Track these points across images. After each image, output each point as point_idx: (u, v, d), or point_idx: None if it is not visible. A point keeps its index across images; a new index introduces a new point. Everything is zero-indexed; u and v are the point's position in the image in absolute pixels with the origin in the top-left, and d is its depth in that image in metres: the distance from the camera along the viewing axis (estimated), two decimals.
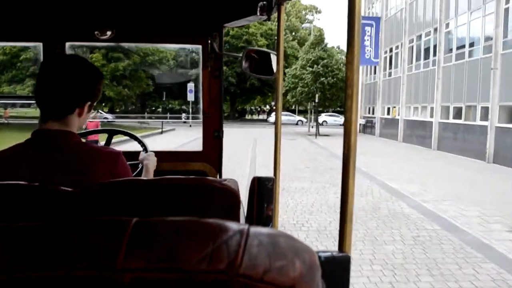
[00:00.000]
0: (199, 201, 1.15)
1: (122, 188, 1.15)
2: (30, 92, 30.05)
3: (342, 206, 0.99)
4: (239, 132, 26.52)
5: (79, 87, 1.40)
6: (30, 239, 0.54)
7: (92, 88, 1.44)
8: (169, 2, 2.37)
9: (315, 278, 0.54)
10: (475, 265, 5.05)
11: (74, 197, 1.09)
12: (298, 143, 22.31)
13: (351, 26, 0.97)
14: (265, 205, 1.66)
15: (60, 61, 1.45)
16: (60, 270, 0.50)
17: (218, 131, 2.73)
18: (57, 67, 1.39)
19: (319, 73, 27.60)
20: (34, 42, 2.59)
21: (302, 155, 16.14)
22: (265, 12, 2.19)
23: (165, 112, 43.14)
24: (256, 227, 0.55)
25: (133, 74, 35.15)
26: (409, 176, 11.63)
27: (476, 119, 16.53)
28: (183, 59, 38.46)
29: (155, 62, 35.96)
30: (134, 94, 36.81)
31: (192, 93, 34.90)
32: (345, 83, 0.99)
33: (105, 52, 32.67)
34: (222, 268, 0.49)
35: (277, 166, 2.13)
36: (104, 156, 1.42)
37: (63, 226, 0.57)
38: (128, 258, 0.50)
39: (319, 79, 27.52)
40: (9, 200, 1.08)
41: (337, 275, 0.88)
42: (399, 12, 25.40)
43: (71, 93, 1.38)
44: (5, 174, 1.27)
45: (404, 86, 23.98)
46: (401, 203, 8.25)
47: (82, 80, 1.40)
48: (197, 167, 2.72)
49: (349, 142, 0.98)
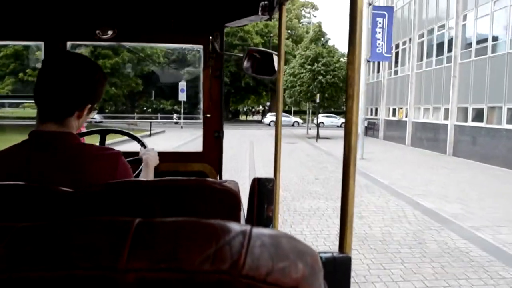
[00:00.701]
0: (199, 202, 1.14)
1: (122, 189, 1.15)
2: (10, 91, 28.25)
3: (342, 207, 1.00)
4: (233, 135, 24.60)
5: (81, 89, 1.36)
6: (32, 239, 0.55)
7: (94, 90, 1.41)
8: (171, 2, 2.37)
9: (317, 279, 0.54)
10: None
11: (74, 197, 1.09)
12: (299, 147, 20.45)
13: (353, 26, 0.97)
14: (265, 206, 1.67)
15: (63, 60, 1.39)
16: (63, 270, 0.51)
17: (219, 132, 2.73)
18: (59, 67, 1.36)
19: (318, 71, 25.73)
20: (36, 41, 2.65)
21: (307, 163, 14.28)
22: (266, 11, 2.17)
23: (155, 112, 41.39)
24: (258, 228, 0.55)
25: (121, 72, 33.22)
26: (439, 190, 9.78)
27: (502, 122, 14.71)
28: (175, 57, 36.81)
29: (145, 60, 34.01)
30: (122, 93, 35.01)
31: (184, 92, 32.99)
32: (346, 83, 1.00)
33: (92, 48, 30.72)
34: (225, 268, 0.49)
35: (277, 167, 2.13)
36: (104, 156, 1.39)
37: (65, 226, 0.57)
38: (131, 258, 0.50)
39: (318, 78, 25.64)
40: (9, 200, 1.08)
41: (338, 276, 0.89)
42: (407, 5, 23.60)
43: (72, 96, 1.35)
44: (3, 175, 1.26)
45: (412, 85, 22.18)
46: (449, 233, 6.37)
47: (85, 82, 1.37)
48: (197, 167, 2.73)
49: (349, 143, 1.00)
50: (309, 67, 26.00)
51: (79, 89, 1.34)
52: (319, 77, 25.48)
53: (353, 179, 0.99)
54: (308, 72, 25.90)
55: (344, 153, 1.01)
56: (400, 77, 24.02)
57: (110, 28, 2.45)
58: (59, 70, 1.33)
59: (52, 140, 1.32)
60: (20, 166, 1.29)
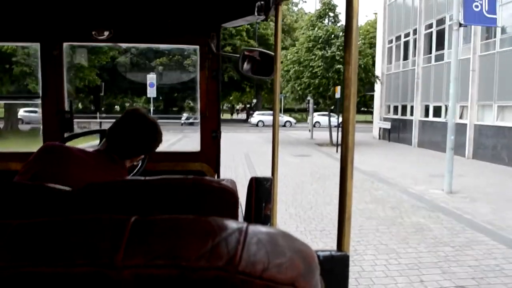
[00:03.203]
0: (197, 200, 1.14)
1: (120, 187, 1.16)
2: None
3: (340, 206, 1.01)
4: None
5: (142, 146, 1.75)
6: (30, 237, 0.55)
7: (151, 148, 1.79)
8: (167, 3, 2.36)
9: (314, 276, 0.54)
10: None
11: (71, 196, 1.10)
12: (318, 163, 13.84)
13: (349, 27, 0.98)
14: (263, 205, 1.68)
15: (139, 119, 1.73)
16: (60, 267, 0.51)
17: (216, 131, 2.75)
18: (136, 124, 1.72)
19: (333, 57, 19.16)
20: (32, 42, 2.66)
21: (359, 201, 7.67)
22: (262, 12, 2.18)
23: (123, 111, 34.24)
24: (255, 225, 0.55)
25: (70, 61, 25.91)
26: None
27: None
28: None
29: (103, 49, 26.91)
30: (74, 89, 28.00)
31: (153, 87, 25.84)
32: (343, 83, 1.01)
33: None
34: (222, 265, 0.49)
35: (274, 165, 2.12)
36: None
37: (63, 224, 0.58)
38: (127, 255, 0.51)
39: (334, 66, 19.08)
40: (7, 198, 1.10)
41: (336, 274, 0.88)
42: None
43: (135, 148, 1.75)
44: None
45: (475, 74, 15.80)
46: None
47: (148, 142, 1.75)
48: (195, 167, 2.72)
49: (347, 142, 1.01)
50: (321, 53, 19.37)
51: (141, 145, 1.74)
52: (337, 65, 18.91)
53: (350, 178, 1.00)
54: (320, 59, 19.28)
55: (341, 153, 1.02)
56: (446, 64, 17.58)
57: (106, 29, 2.47)
58: (135, 126, 1.71)
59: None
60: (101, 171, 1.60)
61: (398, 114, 22.30)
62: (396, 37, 23.05)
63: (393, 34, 23.27)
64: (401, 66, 22.26)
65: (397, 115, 22.43)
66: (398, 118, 22.15)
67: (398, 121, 22.09)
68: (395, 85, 22.65)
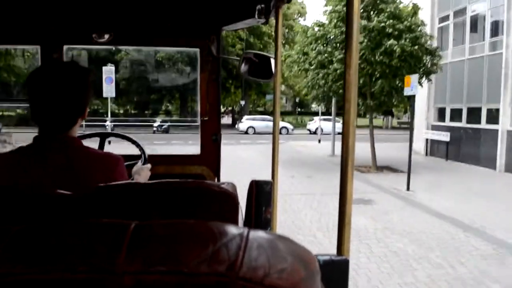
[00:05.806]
0: (197, 204, 1.12)
1: (120, 191, 1.13)
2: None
3: (340, 210, 1.00)
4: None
5: (80, 97, 1.37)
6: (30, 242, 0.55)
7: (89, 92, 1.41)
8: (167, 6, 2.34)
9: (315, 281, 0.54)
10: None
11: (71, 200, 1.08)
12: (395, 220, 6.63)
13: (349, 30, 0.97)
14: (264, 208, 1.65)
15: (54, 72, 1.35)
16: (60, 273, 0.51)
17: (216, 135, 2.73)
18: (52, 80, 1.32)
19: (384, 29, 12.10)
20: (32, 45, 2.61)
21: None
22: (263, 15, 2.18)
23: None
24: (255, 231, 0.55)
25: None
26: None
27: None
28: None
29: None
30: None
31: (111, 83, 18.27)
32: (344, 86, 1.00)
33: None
34: (222, 270, 0.49)
35: (274, 169, 2.13)
36: (103, 159, 1.41)
37: (63, 229, 0.57)
38: (128, 261, 0.50)
39: (384, 43, 12.01)
40: (6, 203, 1.06)
41: (336, 279, 0.88)
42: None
43: (74, 107, 1.36)
44: (5, 177, 1.28)
45: None
46: None
47: (82, 89, 1.37)
48: (195, 170, 2.71)
49: (347, 145, 1.00)
50: (364, 23, 12.26)
51: (78, 98, 1.36)
52: (388, 40, 11.88)
53: (351, 181, 0.99)
54: (365, 35, 12.15)
55: (342, 155, 1.01)
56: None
57: (106, 31, 2.46)
58: (54, 83, 1.31)
59: (56, 143, 1.34)
60: (24, 168, 1.29)
61: (463, 121, 15.42)
62: (454, 11, 16.20)
63: (450, 7, 16.43)
64: (467, 52, 15.38)
65: (460, 122, 15.55)
66: (463, 126, 15.28)
67: (462, 131, 15.22)
68: (456, 79, 15.79)
